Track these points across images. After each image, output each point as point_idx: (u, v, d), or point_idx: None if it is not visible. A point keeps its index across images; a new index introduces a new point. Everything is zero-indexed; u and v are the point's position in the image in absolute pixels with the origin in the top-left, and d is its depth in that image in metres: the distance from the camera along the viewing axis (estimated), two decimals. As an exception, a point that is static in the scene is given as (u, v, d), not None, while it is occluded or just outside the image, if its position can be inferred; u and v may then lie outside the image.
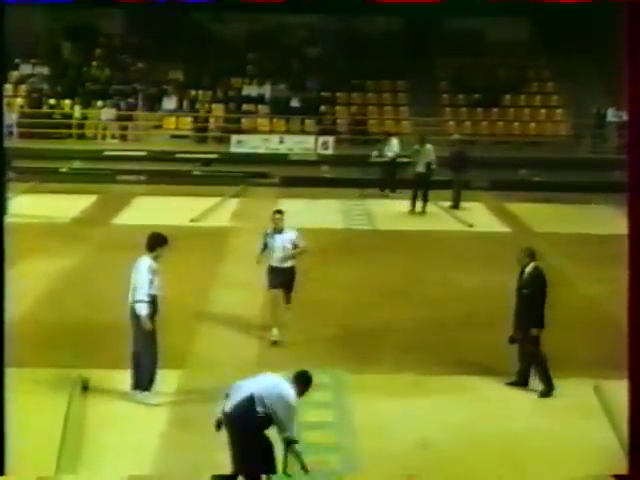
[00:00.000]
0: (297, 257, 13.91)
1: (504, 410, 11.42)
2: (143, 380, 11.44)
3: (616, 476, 7.62)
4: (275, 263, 13.75)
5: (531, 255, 12.13)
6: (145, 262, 11.45)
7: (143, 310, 11.31)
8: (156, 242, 11.60)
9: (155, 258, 11.53)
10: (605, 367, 11.30)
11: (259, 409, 8.58)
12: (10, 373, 6.57)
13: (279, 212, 14.12)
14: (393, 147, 27.66)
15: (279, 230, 13.77)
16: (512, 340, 12.08)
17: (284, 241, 13.70)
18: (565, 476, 9.58)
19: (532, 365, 11.99)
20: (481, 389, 12.03)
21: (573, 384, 11.96)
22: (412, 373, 12.48)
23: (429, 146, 25.44)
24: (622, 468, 6.75)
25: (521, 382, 12.04)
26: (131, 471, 9.50)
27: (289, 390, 8.69)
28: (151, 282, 11.36)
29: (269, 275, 13.84)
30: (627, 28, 6.31)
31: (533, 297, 11.85)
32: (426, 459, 9.95)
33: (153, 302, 11.41)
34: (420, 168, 25.08)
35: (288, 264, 13.74)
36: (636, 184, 6.33)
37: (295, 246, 13.75)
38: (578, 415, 11.17)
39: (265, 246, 13.89)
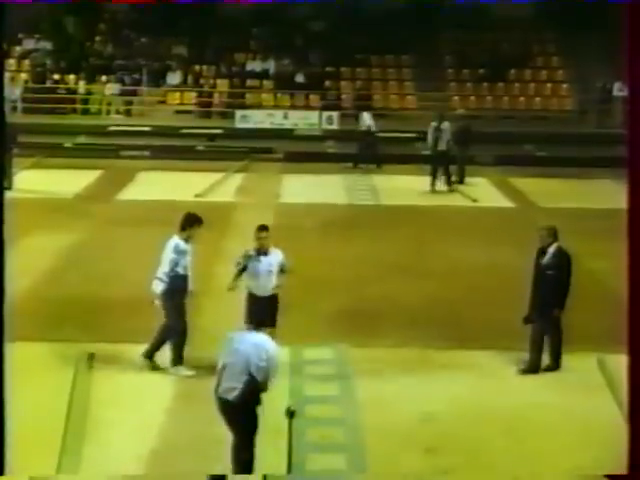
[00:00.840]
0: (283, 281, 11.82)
1: (508, 384, 11.44)
2: (174, 356, 11.53)
3: (615, 476, 7.60)
4: (257, 291, 11.54)
5: (554, 235, 11.85)
6: (172, 242, 11.52)
7: (157, 287, 11.46)
8: (187, 222, 11.62)
9: (187, 238, 11.55)
10: (609, 341, 11.29)
11: (260, 378, 8.60)
12: (15, 347, 6.57)
13: (264, 228, 11.61)
14: (365, 121, 28.05)
15: (264, 251, 11.51)
16: (527, 320, 11.78)
17: (271, 265, 11.51)
18: (570, 450, 9.62)
19: (549, 342, 11.80)
20: (485, 363, 12.02)
21: (578, 358, 11.96)
22: (416, 347, 12.49)
23: (447, 123, 25.40)
24: (623, 442, 6.76)
25: (533, 369, 11.78)
26: (136, 445, 9.55)
27: (269, 341, 8.76)
28: (176, 262, 11.42)
29: (249, 306, 11.57)
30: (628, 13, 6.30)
31: (558, 279, 11.65)
32: (430, 433, 9.97)
33: (182, 281, 11.49)
34: (442, 145, 25.05)
35: (272, 292, 11.63)
36: (635, 159, 6.33)
37: (282, 270, 11.69)
38: (582, 389, 11.18)
39: (244, 269, 11.57)
